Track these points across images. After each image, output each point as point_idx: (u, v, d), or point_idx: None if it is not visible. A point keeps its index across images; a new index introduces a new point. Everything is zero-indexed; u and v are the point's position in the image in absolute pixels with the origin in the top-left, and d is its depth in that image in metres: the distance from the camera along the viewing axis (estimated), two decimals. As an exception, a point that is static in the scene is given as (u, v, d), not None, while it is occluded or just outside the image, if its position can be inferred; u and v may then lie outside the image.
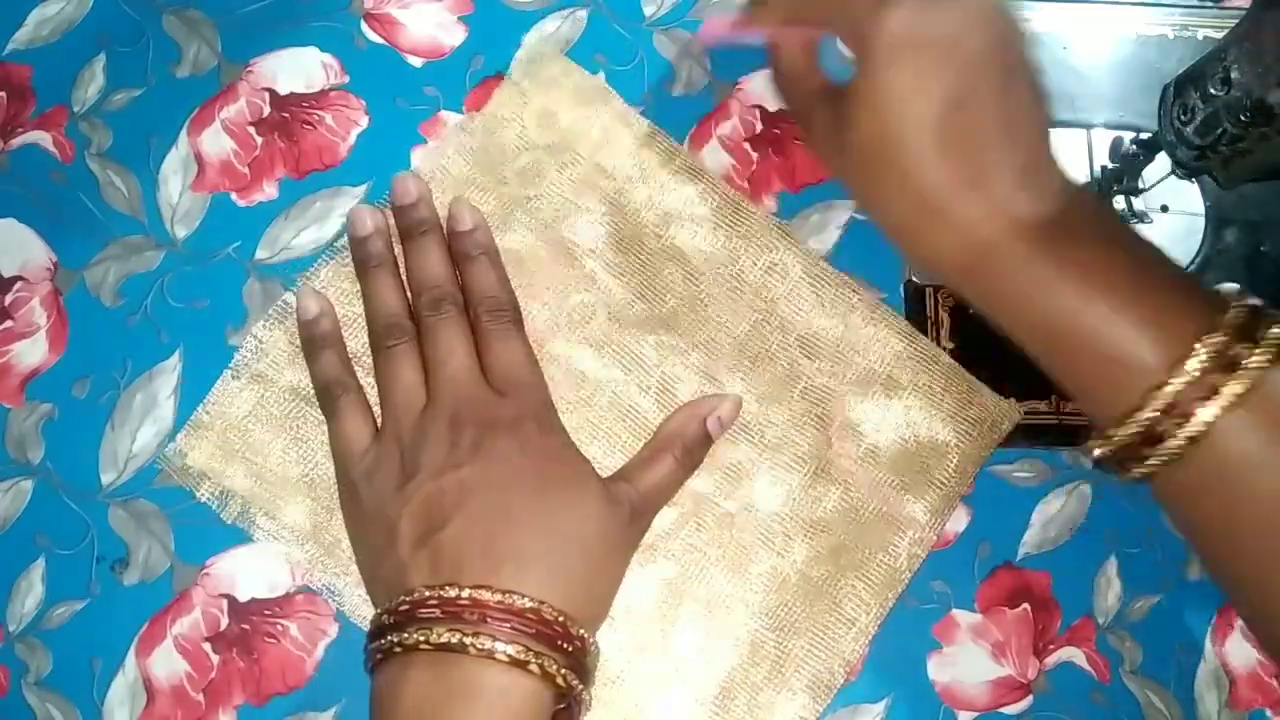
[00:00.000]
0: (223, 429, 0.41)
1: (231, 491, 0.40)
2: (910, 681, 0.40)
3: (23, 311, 0.43)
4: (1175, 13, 0.47)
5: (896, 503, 0.41)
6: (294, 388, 0.41)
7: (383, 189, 0.43)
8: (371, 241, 0.41)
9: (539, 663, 0.32)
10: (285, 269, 0.43)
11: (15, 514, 0.41)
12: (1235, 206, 0.44)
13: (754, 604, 0.40)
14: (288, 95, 0.45)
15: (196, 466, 0.40)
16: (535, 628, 0.32)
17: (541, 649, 0.32)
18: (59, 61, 0.45)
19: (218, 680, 0.39)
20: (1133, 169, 0.41)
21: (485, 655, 0.31)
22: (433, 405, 0.37)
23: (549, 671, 0.32)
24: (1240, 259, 0.44)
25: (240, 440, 0.41)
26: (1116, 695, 0.41)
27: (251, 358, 0.41)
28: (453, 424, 0.36)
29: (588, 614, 0.35)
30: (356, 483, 0.37)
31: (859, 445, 0.41)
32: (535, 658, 0.32)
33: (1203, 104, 0.35)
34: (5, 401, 0.42)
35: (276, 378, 0.41)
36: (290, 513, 0.40)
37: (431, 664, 0.32)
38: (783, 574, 0.40)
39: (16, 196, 0.44)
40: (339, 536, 0.39)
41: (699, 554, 0.40)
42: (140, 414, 0.41)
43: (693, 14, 0.47)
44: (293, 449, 0.41)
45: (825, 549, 0.40)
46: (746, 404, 0.41)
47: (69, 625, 0.40)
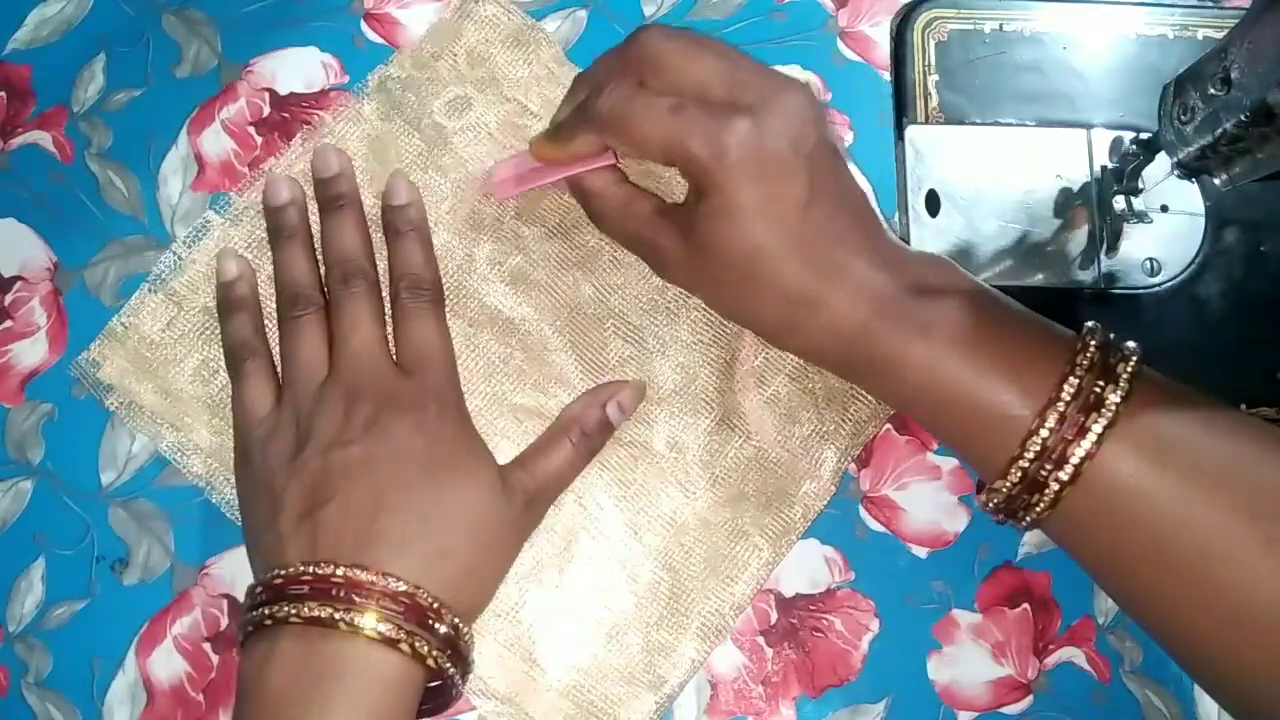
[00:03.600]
0: (136, 342, 0.41)
1: (139, 405, 0.41)
2: (910, 681, 0.40)
3: (23, 311, 0.43)
4: (1175, 13, 0.47)
5: (799, 453, 0.41)
6: (207, 308, 0.41)
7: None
8: (285, 212, 0.41)
9: (410, 642, 0.32)
10: (285, 269, 0.43)
11: (15, 514, 0.41)
12: (1235, 206, 0.44)
13: (652, 546, 0.40)
14: (287, 95, 0.45)
15: (107, 379, 0.41)
16: (407, 610, 0.32)
17: (414, 629, 0.32)
18: (59, 61, 0.45)
19: (218, 680, 0.39)
20: (1133, 169, 0.41)
21: (354, 631, 0.31)
22: (332, 378, 0.37)
23: (420, 652, 0.32)
24: (1240, 259, 0.44)
25: (152, 354, 0.41)
26: (1116, 695, 0.41)
27: (169, 273, 0.42)
28: (349, 398, 0.36)
29: (466, 600, 0.34)
30: (250, 449, 0.37)
31: (763, 393, 0.41)
32: (407, 637, 0.32)
33: (1203, 104, 0.35)
34: (5, 401, 0.42)
35: (191, 297, 0.42)
36: (197, 430, 0.40)
37: (300, 638, 0.32)
38: (682, 518, 0.40)
39: (16, 196, 0.44)
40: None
41: (600, 493, 0.40)
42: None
43: (692, 15, 0.47)
44: (203, 369, 0.41)
45: (725, 496, 0.41)
46: (655, 347, 0.41)
47: (69, 625, 0.40)
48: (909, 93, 0.45)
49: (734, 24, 0.46)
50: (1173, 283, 0.43)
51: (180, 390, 0.41)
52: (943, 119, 0.45)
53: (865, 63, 0.47)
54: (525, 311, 0.42)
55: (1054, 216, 0.44)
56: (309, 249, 0.41)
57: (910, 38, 0.46)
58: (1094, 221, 0.44)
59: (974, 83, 0.45)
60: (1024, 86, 0.45)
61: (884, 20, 0.47)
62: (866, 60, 0.47)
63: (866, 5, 0.47)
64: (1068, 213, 0.44)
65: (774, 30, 0.47)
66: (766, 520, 0.40)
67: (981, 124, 0.45)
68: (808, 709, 0.40)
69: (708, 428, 0.41)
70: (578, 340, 0.42)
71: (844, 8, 0.47)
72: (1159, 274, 0.44)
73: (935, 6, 0.46)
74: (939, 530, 0.42)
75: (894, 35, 0.46)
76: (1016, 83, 0.45)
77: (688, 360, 0.42)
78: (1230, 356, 0.43)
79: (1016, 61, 0.46)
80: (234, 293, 0.41)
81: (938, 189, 0.44)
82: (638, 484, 0.41)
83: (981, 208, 0.44)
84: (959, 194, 0.44)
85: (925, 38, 0.46)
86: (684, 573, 0.40)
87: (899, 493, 0.42)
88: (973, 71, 0.46)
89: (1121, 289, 0.43)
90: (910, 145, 0.45)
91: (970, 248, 0.44)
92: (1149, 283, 0.43)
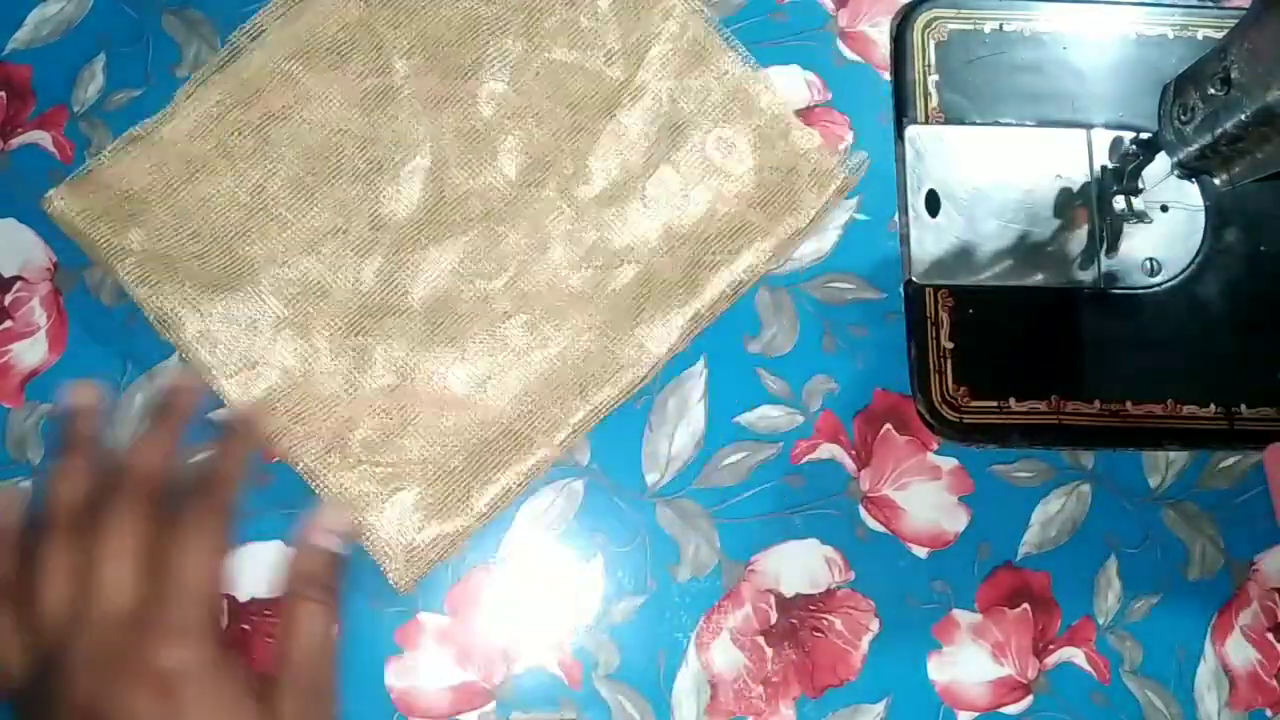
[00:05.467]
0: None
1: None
2: (910, 681, 0.40)
3: (23, 311, 0.43)
4: (1175, 13, 0.47)
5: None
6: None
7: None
8: (78, 425, 0.33)
9: None
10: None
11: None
12: (1235, 206, 0.44)
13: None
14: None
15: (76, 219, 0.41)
16: None
17: None
18: (59, 61, 0.45)
19: (218, 680, 0.39)
20: (1133, 169, 0.41)
21: None
22: (71, 632, 0.29)
23: None
24: (1240, 258, 0.44)
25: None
26: (1116, 695, 0.41)
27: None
28: (83, 666, 0.29)
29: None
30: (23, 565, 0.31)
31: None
32: None
33: (1203, 104, 0.35)
34: (5, 401, 0.42)
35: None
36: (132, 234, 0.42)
37: None
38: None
39: (16, 196, 0.44)
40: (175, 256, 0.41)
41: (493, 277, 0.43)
42: (140, 414, 0.41)
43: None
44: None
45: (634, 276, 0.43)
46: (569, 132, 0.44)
47: (69, 625, 0.40)
48: (909, 93, 0.45)
49: (734, 24, 0.46)
50: (1173, 283, 0.43)
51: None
52: (943, 119, 0.45)
53: (865, 63, 0.47)
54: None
55: (1054, 216, 0.44)
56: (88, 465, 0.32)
57: (910, 38, 0.46)
58: (1094, 221, 0.44)
59: (974, 83, 0.45)
60: (1024, 86, 0.45)
61: (884, 20, 0.47)
62: (866, 60, 0.47)
63: (866, 5, 0.47)
64: (1068, 213, 0.44)
65: (774, 30, 0.47)
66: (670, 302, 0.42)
67: (981, 124, 0.45)
68: (808, 709, 0.40)
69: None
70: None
71: (844, 8, 0.47)
72: (1159, 274, 0.44)
73: (935, 6, 0.46)
74: (939, 530, 0.42)
75: (894, 35, 0.46)
76: (1016, 83, 0.45)
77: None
78: (1230, 356, 0.43)
79: (1016, 61, 0.46)
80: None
81: (938, 189, 0.44)
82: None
83: (981, 208, 0.44)
84: (959, 194, 0.44)
85: (925, 38, 0.46)
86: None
87: (899, 493, 0.42)
88: (973, 71, 0.46)
89: (1121, 289, 0.43)
90: (910, 145, 0.45)
91: (970, 248, 0.44)
92: (1149, 283, 0.43)
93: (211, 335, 0.41)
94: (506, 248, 0.43)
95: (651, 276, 0.42)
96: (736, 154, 0.44)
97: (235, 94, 0.43)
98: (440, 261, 0.42)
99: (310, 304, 0.42)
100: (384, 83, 0.44)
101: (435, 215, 0.43)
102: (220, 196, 0.42)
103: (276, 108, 0.43)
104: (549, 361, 0.42)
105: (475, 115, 0.44)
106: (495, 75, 0.44)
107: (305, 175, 0.43)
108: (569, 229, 0.43)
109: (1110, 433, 0.42)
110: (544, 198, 0.43)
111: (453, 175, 0.43)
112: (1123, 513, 0.42)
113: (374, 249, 0.42)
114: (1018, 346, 0.43)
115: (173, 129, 0.43)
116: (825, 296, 0.44)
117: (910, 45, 0.46)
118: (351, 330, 0.42)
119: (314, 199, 0.43)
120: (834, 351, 0.43)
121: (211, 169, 0.43)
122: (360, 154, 0.43)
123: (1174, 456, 0.43)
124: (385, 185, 0.43)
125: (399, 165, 0.43)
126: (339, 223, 0.42)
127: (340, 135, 0.43)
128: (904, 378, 0.43)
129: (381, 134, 0.43)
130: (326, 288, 0.42)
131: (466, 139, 0.43)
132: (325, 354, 0.41)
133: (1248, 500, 0.43)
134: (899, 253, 0.44)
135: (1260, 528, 0.42)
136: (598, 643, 0.40)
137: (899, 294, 0.44)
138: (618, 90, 0.44)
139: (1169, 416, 0.42)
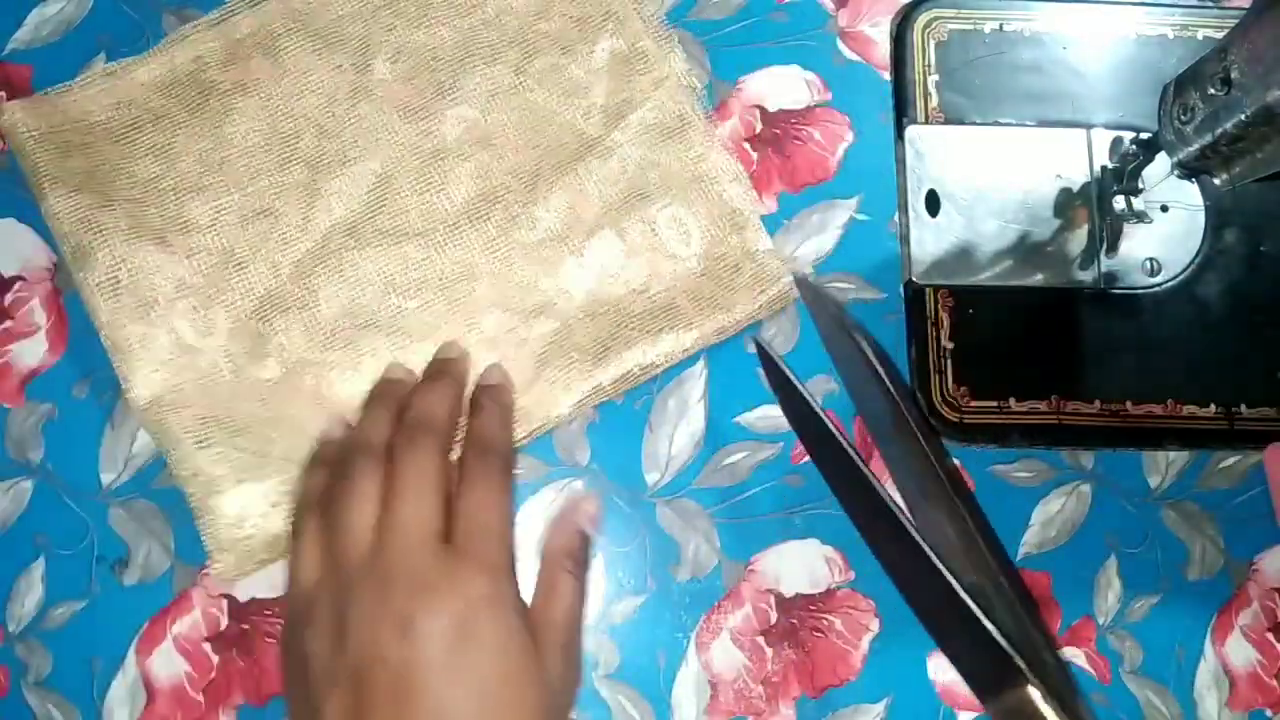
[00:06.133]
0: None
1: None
2: (910, 681, 0.40)
3: (23, 311, 0.43)
4: (1175, 13, 0.47)
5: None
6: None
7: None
8: (392, 384, 0.40)
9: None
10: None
11: (15, 514, 0.41)
12: (1235, 206, 0.44)
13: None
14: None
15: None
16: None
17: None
18: (59, 61, 0.45)
19: (218, 680, 0.39)
20: (1133, 169, 0.41)
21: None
22: (371, 559, 0.34)
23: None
24: (1240, 259, 0.44)
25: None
26: (1116, 695, 0.41)
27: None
28: (384, 588, 0.33)
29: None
30: (293, 625, 0.35)
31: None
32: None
33: (1203, 104, 0.35)
34: (5, 401, 0.42)
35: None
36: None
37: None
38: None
39: (17, 196, 0.44)
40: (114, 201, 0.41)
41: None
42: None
43: (692, 15, 0.47)
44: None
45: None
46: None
47: (69, 625, 0.40)
48: (909, 93, 0.45)
49: (734, 24, 0.46)
50: (1173, 283, 0.44)
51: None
52: (943, 119, 0.45)
53: (865, 63, 0.47)
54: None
55: (1054, 216, 0.44)
56: (394, 416, 0.38)
57: (910, 38, 0.46)
58: (1094, 221, 0.44)
59: (974, 83, 0.45)
60: (1024, 86, 0.45)
61: (884, 20, 0.47)
62: (866, 60, 0.47)
63: (866, 5, 0.47)
64: (1068, 213, 0.44)
65: (774, 30, 0.47)
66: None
67: (981, 124, 0.45)
68: (808, 709, 0.40)
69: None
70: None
71: (844, 8, 0.47)
72: (1159, 274, 0.44)
73: (935, 6, 0.46)
74: (939, 530, 0.42)
75: (894, 35, 0.47)
76: (1016, 83, 0.45)
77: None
78: (1230, 356, 0.43)
79: (1016, 61, 0.46)
80: (324, 450, 0.39)
81: (938, 189, 0.44)
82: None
83: (981, 208, 0.44)
84: (959, 194, 0.44)
85: (925, 38, 0.46)
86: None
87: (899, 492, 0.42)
88: (973, 71, 0.46)
89: (1121, 289, 0.43)
90: (910, 145, 0.45)
91: (970, 248, 0.44)
92: (1149, 283, 0.43)
93: (117, 284, 0.40)
94: (429, 272, 0.42)
95: (565, 336, 0.42)
96: (686, 236, 0.43)
97: (216, 55, 0.44)
98: (360, 267, 0.42)
99: (222, 278, 0.41)
100: (360, 80, 0.44)
101: (371, 222, 0.42)
102: (171, 149, 0.42)
103: (250, 79, 0.43)
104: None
105: (439, 134, 0.43)
106: (470, 100, 0.44)
107: (258, 150, 0.43)
108: (498, 269, 0.42)
109: (1110, 433, 0.42)
110: (483, 232, 0.42)
111: (399, 187, 0.43)
112: (1123, 513, 0.42)
113: (300, 240, 0.42)
114: (1018, 346, 0.43)
115: (146, 72, 0.43)
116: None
117: (910, 45, 0.46)
118: (254, 315, 0.41)
119: (259, 176, 0.42)
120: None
121: (171, 120, 0.43)
122: (316, 144, 0.43)
123: (1174, 456, 0.43)
124: (331, 180, 0.43)
125: (350, 164, 0.43)
126: (276, 205, 0.42)
127: (303, 121, 0.43)
128: (904, 378, 0.43)
129: (343, 129, 0.43)
130: (243, 265, 0.41)
131: (424, 155, 0.43)
132: (222, 331, 0.41)
133: (1248, 500, 0.43)
134: (899, 253, 0.44)
135: (1260, 528, 0.42)
136: (597, 642, 0.40)
137: (899, 294, 0.44)
138: (588, 145, 0.44)
139: (1169, 416, 0.42)
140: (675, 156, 0.44)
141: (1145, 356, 0.43)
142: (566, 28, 0.45)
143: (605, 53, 0.45)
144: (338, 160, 0.43)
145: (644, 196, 0.43)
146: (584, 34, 0.45)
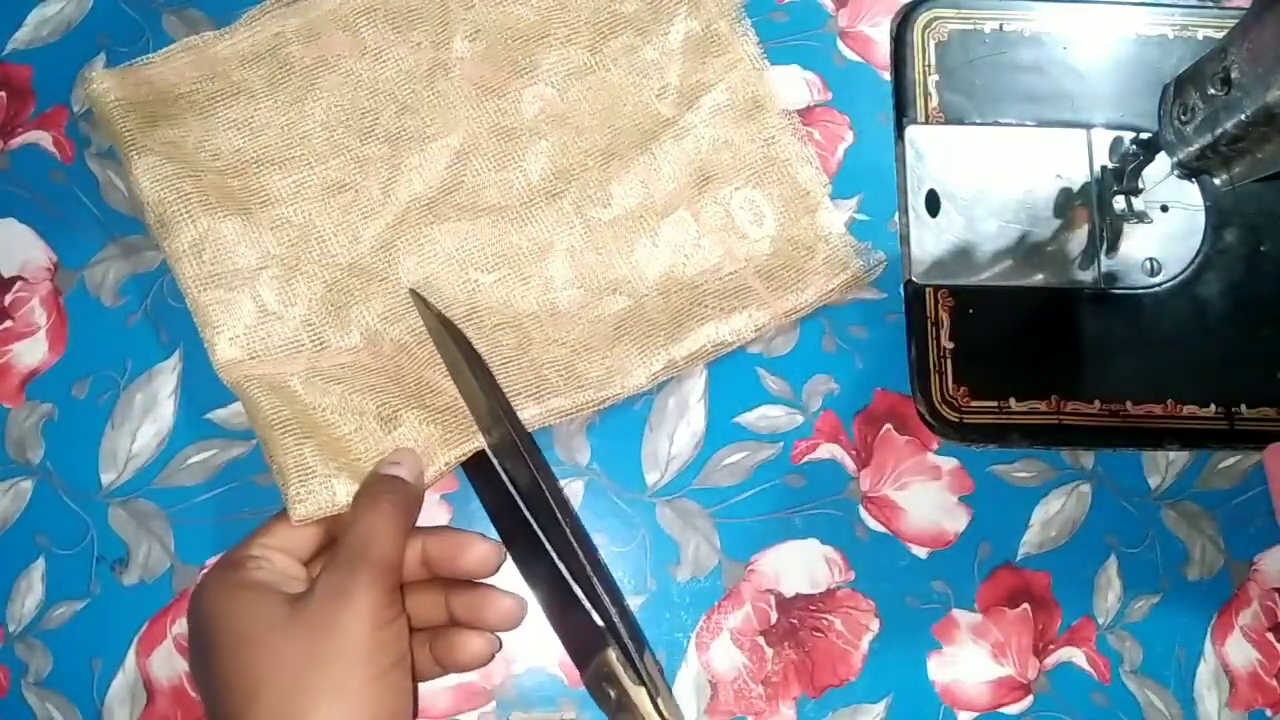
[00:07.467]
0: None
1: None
2: (910, 681, 0.40)
3: (23, 311, 0.43)
4: (1175, 13, 0.47)
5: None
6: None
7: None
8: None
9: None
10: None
11: (15, 514, 0.41)
12: (1235, 206, 0.44)
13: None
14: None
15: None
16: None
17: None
18: (59, 61, 0.45)
19: (218, 680, 0.39)
20: (1133, 169, 0.41)
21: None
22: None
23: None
24: (1240, 259, 0.44)
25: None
26: (1116, 695, 0.41)
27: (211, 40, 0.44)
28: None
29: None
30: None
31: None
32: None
33: (1203, 104, 0.35)
34: (5, 401, 0.42)
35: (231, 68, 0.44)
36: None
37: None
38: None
39: (16, 196, 0.44)
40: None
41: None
42: (140, 414, 0.41)
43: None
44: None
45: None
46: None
47: (69, 625, 0.40)
48: (909, 93, 0.45)
49: (734, 24, 0.46)
50: (1173, 283, 0.44)
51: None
52: (943, 119, 0.45)
53: (865, 63, 0.47)
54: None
55: (1054, 216, 0.44)
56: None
57: (910, 38, 0.46)
58: (1094, 221, 0.44)
59: (974, 83, 0.45)
60: (1024, 86, 0.45)
61: (884, 20, 0.47)
62: (866, 60, 0.47)
63: (866, 5, 0.47)
64: (1068, 213, 0.44)
65: (774, 30, 0.47)
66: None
67: (981, 124, 0.45)
68: (808, 709, 0.40)
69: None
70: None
71: (844, 8, 0.47)
72: (1159, 274, 0.44)
73: (935, 6, 0.46)
74: (939, 530, 0.42)
75: (894, 35, 0.47)
76: (1016, 83, 0.45)
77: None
78: (1230, 356, 0.43)
79: (1016, 61, 0.46)
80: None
81: (938, 189, 0.44)
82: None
83: (981, 208, 0.44)
84: (959, 194, 0.44)
85: (925, 38, 0.46)
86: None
87: (899, 493, 0.42)
88: (973, 71, 0.46)
89: (1121, 289, 0.43)
90: (910, 145, 0.45)
91: (970, 248, 0.44)
92: (1149, 283, 0.43)
93: (201, 251, 0.41)
94: (506, 247, 0.43)
95: (638, 313, 0.42)
96: (759, 218, 0.43)
97: (297, 31, 0.44)
98: (439, 242, 0.42)
99: (304, 250, 0.42)
100: (440, 57, 0.44)
101: (449, 197, 0.43)
102: (254, 123, 0.43)
103: (331, 54, 0.44)
104: (509, 358, 0.41)
105: (517, 112, 0.44)
106: (548, 79, 0.44)
107: (339, 126, 0.43)
108: (573, 245, 0.43)
109: (1110, 433, 0.42)
110: (558, 209, 0.43)
111: (477, 163, 0.43)
112: (1123, 513, 0.42)
113: (380, 213, 0.42)
114: (1018, 346, 0.43)
115: (229, 46, 0.44)
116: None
117: (910, 45, 0.46)
118: (335, 286, 0.41)
119: (340, 151, 0.43)
120: (834, 351, 0.43)
121: (253, 94, 0.43)
122: (396, 120, 0.43)
123: (1174, 456, 0.43)
124: (410, 155, 0.43)
125: (429, 140, 0.43)
126: (356, 179, 0.43)
127: (383, 97, 0.44)
128: (904, 378, 0.43)
129: (422, 105, 0.44)
130: (324, 239, 0.42)
131: (501, 133, 0.44)
132: (303, 300, 0.41)
133: (1248, 500, 0.43)
134: (899, 253, 0.44)
135: (1260, 528, 0.42)
136: (598, 643, 0.40)
137: (899, 294, 0.44)
138: (663, 126, 0.44)
139: (1169, 416, 0.42)
140: (748, 138, 0.44)
141: (1145, 356, 0.43)
142: (642, 9, 0.45)
143: (680, 34, 0.45)
144: (417, 136, 0.43)
145: (718, 177, 0.44)
146: (659, 16, 0.45)
